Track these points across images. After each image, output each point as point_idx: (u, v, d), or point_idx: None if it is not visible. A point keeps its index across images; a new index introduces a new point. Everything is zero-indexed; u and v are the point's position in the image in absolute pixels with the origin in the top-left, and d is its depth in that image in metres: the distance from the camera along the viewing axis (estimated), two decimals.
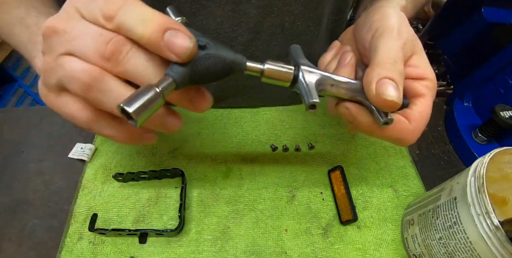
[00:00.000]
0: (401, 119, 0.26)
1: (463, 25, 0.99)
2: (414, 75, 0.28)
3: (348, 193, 0.41)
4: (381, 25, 0.28)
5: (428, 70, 0.28)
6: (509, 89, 0.47)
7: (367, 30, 0.29)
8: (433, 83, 0.28)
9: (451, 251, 0.31)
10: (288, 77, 0.24)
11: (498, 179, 0.35)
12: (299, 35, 0.44)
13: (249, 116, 0.52)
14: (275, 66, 0.23)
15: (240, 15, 0.39)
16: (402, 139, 0.27)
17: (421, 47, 0.29)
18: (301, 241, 0.39)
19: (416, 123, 0.27)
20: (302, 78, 0.24)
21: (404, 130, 0.26)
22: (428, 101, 0.28)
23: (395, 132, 0.26)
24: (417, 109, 0.27)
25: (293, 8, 0.40)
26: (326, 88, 0.25)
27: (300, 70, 0.24)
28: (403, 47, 0.26)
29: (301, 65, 0.24)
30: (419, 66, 0.28)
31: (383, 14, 0.29)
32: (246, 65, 0.23)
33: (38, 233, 0.40)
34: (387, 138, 0.27)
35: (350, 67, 0.28)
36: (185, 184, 0.42)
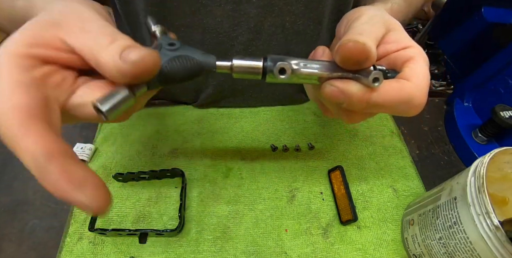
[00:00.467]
0: (397, 80, 0.24)
1: (463, 25, 0.99)
2: (394, 49, 0.26)
3: (348, 193, 0.41)
4: (352, 15, 0.27)
5: (410, 42, 0.26)
6: (509, 89, 0.47)
7: (340, 25, 0.29)
8: (419, 50, 0.26)
9: (451, 251, 0.31)
10: (257, 69, 0.23)
11: (498, 179, 0.35)
12: (300, 34, 0.44)
13: (249, 116, 0.52)
14: (243, 61, 0.23)
15: (240, 15, 0.39)
16: (408, 98, 0.23)
17: (398, 25, 0.27)
18: (301, 241, 0.39)
19: (417, 79, 0.23)
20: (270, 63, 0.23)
21: (406, 88, 0.23)
22: (420, 62, 0.25)
23: (395, 93, 0.23)
24: (412, 68, 0.24)
25: (294, 8, 0.40)
26: (300, 69, 0.23)
27: (268, 60, 0.23)
28: (374, 25, 0.25)
29: (269, 56, 0.24)
30: (399, 40, 0.26)
31: (356, 10, 0.28)
32: (216, 64, 0.23)
33: (38, 233, 0.40)
34: (390, 102, 0.23)
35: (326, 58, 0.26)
36: (185, 184, 0.42)
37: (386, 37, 0.26)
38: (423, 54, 0.26)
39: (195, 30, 0.41)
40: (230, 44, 0.42)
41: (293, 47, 0.45)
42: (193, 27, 0.41)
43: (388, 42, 0.26)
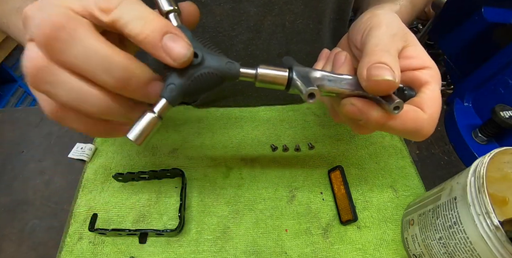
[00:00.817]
0: (413, 108, 0.24)
1: (463, 25, 0.99)
2: (414, 66, 0.26)
3: (348, 193, 0.41)
4: (370, 23, 0.27)
5: (427, 59, 0.27)
6: (509, 89, 0.47)
7: (357, 30, 0.29)
8: (435, 72, 0.26)
9: (451, 251, 0.31)
10: (282, 79, 0.23)
11: (498, 179, 0.35)
12: (300, 33, 0.44)
13: (249, 116, 0.52)
14: (268, 70, 0.23)
15: (240, 14, 0.39)
16: (419, 129, 0.24)
17: (415, 39, 0.28)
18: (301, 241, 0.39)
19: (431, 110, 0.24)
20: (296, 77, 0.23)
21: (420, 118, 0.24)
22: (436, 88, 0.26)
23: (410, 122, 0.24)
24: (427, 96, 0.25)
25: (294, 7, 0.40)
26: (324, 84, 0.24)
27: (294, 71, 0.23)
28: (394, 37, 0.25)
29: (294, 66, 0.23)
30: (416, 56, 0.27)
31: (372, 15, 0.28)
32: (240, 71, 0.22)
33: (38, 233, 0.40)
34: (403, 129, 0.24)
35: (347, 66, 0.27)
36: (185, 184, 0.42)
37: (405, 52, 0.27)
38: (438, 76, 0.26)
39: (195, 30, 0.41)
40: (230, 43, 0.42)
41: (293, 46, 0.45)
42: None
43: (407, 57, 0.27)
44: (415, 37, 0.28)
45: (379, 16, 0.28)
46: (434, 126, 0.25)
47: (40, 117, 0.51)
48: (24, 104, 1.65)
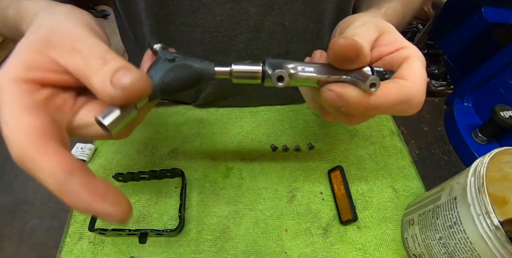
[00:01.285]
0: (394, 80, 0.24)
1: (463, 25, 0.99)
2: (391, 50, 0.26)
3: (348, 193, 0.41)
4: (345, 21, 0.28)
5: (404, 42, 0.26)
6: (509, 89, 0.47)
7: (335, 32, 0.29)
8: (415, 49, 0.25)
9: (451, 251, 0.31)
10: (256, 73, 0.23)
11: (498, 179, 0.35)
12: (300, 33, 0.44)
13: (249, 116, 0.52)
14: (242, 66, 0.23)
15: (240, 14, 0.39)
16: (408, 98, 0.23)
17: (392, 28, 0.27)
18: (301, 241, 0.39)
19: (414, 78, 0.23)
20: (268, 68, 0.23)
21: (404, 87, 0.23)
22: (416, 61, 0.25)
23: (394, 93, 0.23)
24: (408, 67, 0.24)
25: (294, 7, 0.40)
26: (297, 73, 0.23)
27: (267, 63, 0.23)
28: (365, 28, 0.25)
29: (267, 59, 0.24)
30: (393, 42, 0.26)
31: (350, 17, 0.29)
32: (214, 70, 0.23)
33: (38, 233, 0.40)
34: (390, 103, 0.23)
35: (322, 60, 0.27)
36: (185, 184, 0.42)
37: (379, 40, 0.26)
38: (418, 53, 0.25)
39: (195, 30, 0.41)
40: (230, 43, 0.42)
41: (293, 46, 0.45)
42: (193, 26, 0.41)
43: (382, 44, 0.26)
44: (393, 27, 0.28)
45: (355, 17, 0.28)
46: (423, 93, 0.24)
47: None
48: None
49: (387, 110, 0.24)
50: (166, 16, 0.40)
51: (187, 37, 0.42)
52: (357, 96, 0.22)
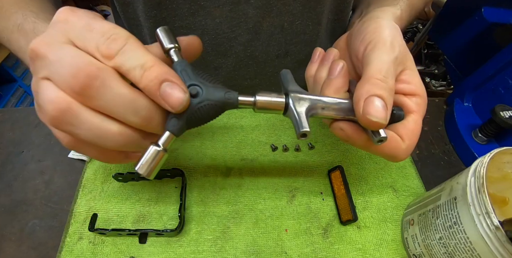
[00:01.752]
0: (395, 137, 0.27)
1: (463, 25, 0.99)
2: (406, 91, 0.28)
3: (348, 193, 0.41)
4: (375, 37, 0.28)
5: (419, 87, 0.28)
6: (509, 89, 0.47)
7: (361, 41, 0.29)
8: (423, 100, 0.28)
9: (451, 251, 0.31)
10: (279, 106, 0.25)
11: (498, 179, 0.35)
12: (299, 34, 0.44)
13: (249, 116, 0.52)
14: (266, 98, 0.24)
15: (239, 16, 0.39)
16: (395, 156, 0.27)
17: (412, 62, 0.29)
18: (301, 241, 0.39)
19: (409, 141, 0.27)
20: (292, 107, 0.25)
21: (398, 148, 0.27)
22: (419, 118, 0.28)
23: (389, 150, 0.27)
24: (409, 127, 0.27)
25: (292, 8, 0.40)
26: (318, 112, 0.26)
27: (290, 98, 0.25)
28: (395, 61, 0.26)
29: (290, 93, 0.25)
30: (410, 82, 0.28)
31: (377, 26, 0.29)
32: (238, 101, 0.24)
33: (38, 233, 0.40)
34: (381, 154, 0.28)
35: (342, 78, 0.28)
36: (185, 184, 0.42)
37: (401, 75, 0.28)
38: (425, 105, 0.29)
39: (194, 32, 0.41)
40: (229, 45, 0.42)
41: (292, 48, 0.45)
42: (192, 28, 0.41)
43: (402, 81, 0.28)
44: (412, 59, 0.29)
45: (384, 31, 0.28)
46: (408, 155, 0.28)
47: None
48: (24, 104, 1.65)
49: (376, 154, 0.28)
50: (165, 19, 0.40)
51: None
52: (363, 143, 0.27)
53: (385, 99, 0.24)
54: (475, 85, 0.53)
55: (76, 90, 0.20)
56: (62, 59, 0.20)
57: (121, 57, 0.21)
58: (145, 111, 0.21)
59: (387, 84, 0.25)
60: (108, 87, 0.20)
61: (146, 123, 0.22)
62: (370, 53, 0.27)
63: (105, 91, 0.20)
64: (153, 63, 0.21)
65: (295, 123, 0.24)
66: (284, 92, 0.26)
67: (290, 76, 0.28)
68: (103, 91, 0.20)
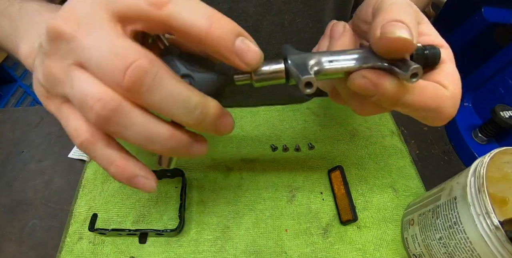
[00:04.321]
0: (433, 84, 0.22)
1: (463, 25, 0.99)
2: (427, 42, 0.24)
3: (348, 193, 0.41)
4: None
5: (440, 39, 0.24)
6: (509, 89, 0.47)
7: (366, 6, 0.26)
8: (450, 52, 0.24)
9: (451, 251, 0.31)
10: (279, 71, 0.21)
11: (498, 179, 0.35)
12: (299, 33, 0.44)
13: (249, 116, 0.52)
14: (263, 67, 0.21)
15: (238, 14, 0.39)
16: (441, 107, 0.21)
17: (427, 19, 0.26)
18: (301, 241, 0.39)
19: (453, 87, 0.22)
20: (294, 69, 0.20)
21: (442, 96, 0.21)
22: (453, 67, 0.23)
23: (430, 98, 0.21)
24: (447, 73, 0.23)
25: (292, 6, 0.40)
26: (325, 67, 0.21)
27: (289, 60, 0.21)
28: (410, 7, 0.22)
29: (289, 55, 0.21)
30: (430, 34, 0.24)
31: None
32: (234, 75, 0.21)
33: (38, 233, 0.40)
34: (423, 106, 0.21)
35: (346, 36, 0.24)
36: (185, 184, 0.42)
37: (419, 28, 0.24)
38: (452, 56, 0.24)
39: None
40: None
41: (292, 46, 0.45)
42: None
43: (421, 34, 0.24)
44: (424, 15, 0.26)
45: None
46: (456, 107, 0.22)
47: (40, 117, 0.51)
48: (24, 104, 1.65)
49: (416, 113, 0.22)
50: None
51: None
52: (394, 88, 0.20)
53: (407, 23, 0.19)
54: (475, 85, 0.53)
55: (124, 87, 0.16)
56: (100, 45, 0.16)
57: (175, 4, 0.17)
58: (199, 110, 0.18)
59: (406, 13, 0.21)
60: (161, 85, 0.17)
61: (199, 122, 0.19)
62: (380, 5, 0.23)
63: (158, 89, 0.17)
64: (221, 15, 0.17)
65: (296, 76, 0.20)
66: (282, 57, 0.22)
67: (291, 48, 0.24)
68: (156, 88, 0.17)
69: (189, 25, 0.17)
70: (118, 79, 0.16)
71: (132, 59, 0.16)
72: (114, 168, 0.20)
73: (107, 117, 0.17)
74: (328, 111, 0.52)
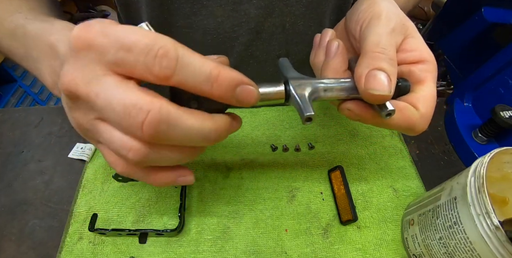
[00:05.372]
0: (407, 107, 0.25)
1: (463, 25, 0.99)
2: (410, 60, 0.27)
3: (348, 193, 0.41)
4: (369, 14, 0.27)
5: (425, 52, 0.27)
6: (509, 89, 0.47)
7: (356, 21, 0.28)
8: (432, 65, 0.27)
9: (451, 251, 0.31)
10: (280, 95, 0.24)
11: (498, 179, 0.35)
12: (300, 35, 0.44)
13: (249, 116, 0.52)
14: (265, 89, 0.24)
15: (241, 15, 0.39)
16: (412, 127, 0.26)
17: (414, 29, 0.28)
18: (301, 241, 0.39)
19: (424, 109, 0.26)
20: (294, 93, 0.24)
21: (412, 117, 0.25)
22: (431, 85, 0.27)
23: (403, 121, 0.25)
24: (422, 95, 0.26)
25: (294, 9, 0.40)
26: (320, 95, 0.25)
27: (290, 84, 0.24)
28: (392, 32, 0.25)
29: (290, 80, 0.25)
30: (414, 49, 0.27)
31: (370, 3, 0.28)
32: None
33: (38, 233, 0.40)
34: (397, 127, 0.26)
35: (339, 57, 0.27)
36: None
37: (403, 45, 0.27)
38: (434, 70, 0.27)
39: (196, 31, 0.41)
40: (230, 45, 0.42)
41: (293, 48, 0.45)
42: (194, 28, 0.41)
43: (405, 50, 0.27)
44: (414, 26, 0.28)
45: (378, 5, 0.27)
46: (427, 124, 0.26)
47: (40, 117, 0.51)
48: (24, 104, 1.65)
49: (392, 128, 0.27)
50: (167, 19, 0.40)
51: (187, 39, 0.42)
52: (373, 118, 0.26)
53: (387, 71, 0.23)
54: (475, 85, 0.53)
55: (146, 139, 0.19)
56: (112, 104, 0.18)
57: (180, 75, 0.18)
58: (213, 134, 0.21)
59: (386, 55, 0.24)
60: (175, 127, 0.19)
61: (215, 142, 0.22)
62: (366, 30, 0.26)
63: (174, 132, 0.19)
64: (218, 71, 0.19)
65: (298, 108, 0.24)
66: (283, 80, 0.25)
67: (288, 64, 0.28)
68: (172, 132, 0.19)
69: (194, 89, 0.19)
70: (138, 134, 0.19)
71: (143, 114, 0.18)
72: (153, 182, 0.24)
73: (140, 161, 0.20)
74: (328, 111, 0.52)
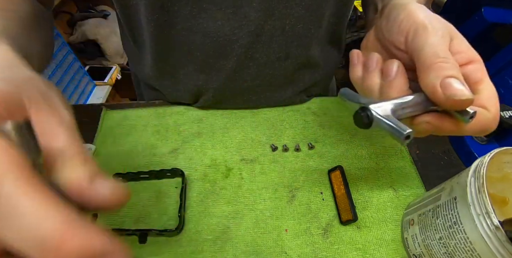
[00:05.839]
0: (479, 110, 0.25)
1: (463, 25, 0.99)
2: (462, 62, 0.27)
3: (348, 193, 0.41)
4: (412, 24, 0.27)
5: (472, 52, 0.27)
6: (509, 89, 0.47)
7: (397, 32, 0.28)
8: (482, 63, 0.27)
9: (451, 251, 0.31)
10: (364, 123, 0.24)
11: (498, 179, 0.35)
12: (300, 37, 0.44)
13: (249, 116, 0.52)
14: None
15: (241, 18, 0.39)
16: (487, 128, 0.26)
17: (455, 30, 0.28)
18: (301, 241, 0.39)
19: (493, 108, 0.26)
20: (379, 116, 0.24)
21: (487, 119, 0.26)
22: (489, 83, 0.27)
23: (480, 124, 0.25)
24: (487, 95, 0.26)
25: (294, 11, 0.40)
26: (400, 114, 0.25)
27: (371, 109, 0.24)
28: (443, 39, 0.26)
29: (367, 105, 0.24)
30: (462, 50, 0.27)
31: (407, 13, 0.28)
32: None
33: None
34: (473, 131, 0.26)
35: (401, 78, 0.27)
36: (185, 184, 0.42)
37: (451, 48, 0.27)
38: (485, 68, 0.27)
39: (196, 34, 0.41)
40: (230, 48, 0.42)
41: (293, 50, 0.45)
42: (194, 31, 0.41)
43: (455, 53, 0.27)
44: (453, 27, 0.28)
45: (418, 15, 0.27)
46: (497, 123, 0.27)
47: None
48: None
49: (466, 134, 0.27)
50: (167, 21, 0.40)
51: (187, 42, 0.42)
52: (452, 127, 0.25)
53: (458, 77, 0.23)
54: None
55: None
56: None
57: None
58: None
59: (451, 64, 0.24)
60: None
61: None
62: (416, 41, 0.26)
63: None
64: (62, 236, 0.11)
65: (391, 130, 0.23)
66: (359, 107, 0.25)
67: (351, 92, 0.28)
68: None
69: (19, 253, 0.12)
70: None
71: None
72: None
73: None
74: (328, 111, 0.52)
